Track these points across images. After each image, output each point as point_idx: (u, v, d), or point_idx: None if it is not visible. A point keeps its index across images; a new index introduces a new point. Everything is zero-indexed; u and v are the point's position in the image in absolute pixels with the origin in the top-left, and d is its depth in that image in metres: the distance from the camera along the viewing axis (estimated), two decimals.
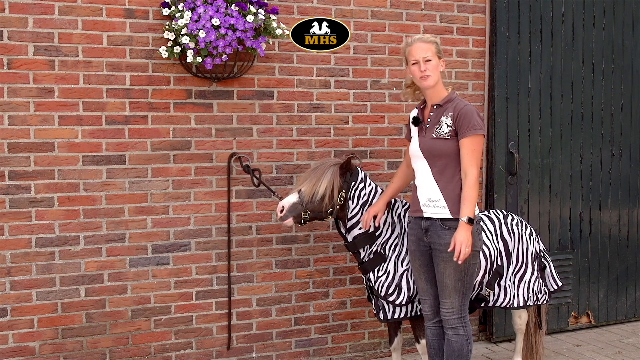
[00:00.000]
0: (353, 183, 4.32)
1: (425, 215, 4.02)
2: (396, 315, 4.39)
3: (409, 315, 4.41)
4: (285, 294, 5.00)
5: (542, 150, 5.65)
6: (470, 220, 3.83)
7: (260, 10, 4.42)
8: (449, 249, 3.84)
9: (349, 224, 4.35)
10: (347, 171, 4.30)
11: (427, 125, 4.01)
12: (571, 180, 5.79)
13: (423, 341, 4.49)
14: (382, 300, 4.37)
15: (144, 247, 4.62)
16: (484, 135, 3.97)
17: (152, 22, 4.52)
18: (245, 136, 4.80)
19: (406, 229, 4.36)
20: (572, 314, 5.92)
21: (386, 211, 4.37)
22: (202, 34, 4.24)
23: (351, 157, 4.33)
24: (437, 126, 3.96)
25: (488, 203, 5.52)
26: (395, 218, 4.42)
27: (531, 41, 5.53)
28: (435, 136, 3.95)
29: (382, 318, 4.41)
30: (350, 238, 4.39)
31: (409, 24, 5.17)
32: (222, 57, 4.38)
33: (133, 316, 4.64)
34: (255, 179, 4.66)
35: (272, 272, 4.95)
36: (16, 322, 4.38)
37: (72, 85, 4.39)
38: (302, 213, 4.23)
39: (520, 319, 4.83)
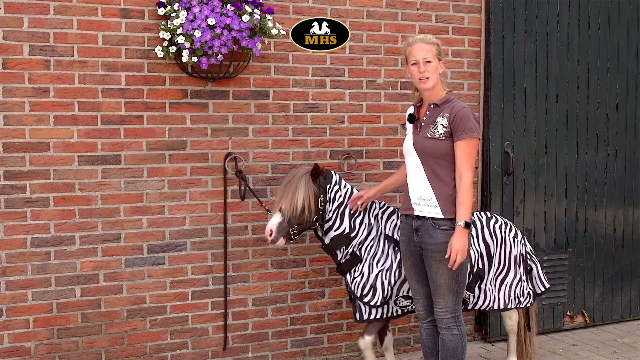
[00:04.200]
0: (328, 186, 4.33)
1: (416, 213, 4.02)
2: (372, 316, 4.39)
3: (384, 316, 4.42)
4: (281, 293, 5.00)
5: (538, 150, 5.66)
6: (467, 225, 3.83)
7: (255, 10, 4.43)
8: (446, 256, 3.85)
9: (326, 226, 4.36)
10: (318, 176, 4.31)
11: (422, 124, 4.02)
12: (566, 180, 5.80)
13: (368, 338, 4.45)
14: (358, 301, 4.38)
15: (140, 247, 4.62)
16: (479, 138, 3.98)
17: (148, 22, 4.52)
18: (241, 136, 4.80)
19: (382, 229, 4.39)
20: (568, 313, 5.92)
21: (362, 212, 4.39)
22: (197, 33, 4.24)
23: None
24: (433, 126, 3.96)
25: (484, 203, 5.53)
26: (372, 219, 4.43)
27: (527, 41, 5.54)
28: (429, 136, 3.95)
29: (358, 319, 4.42)
30: (327, 240, 4.39)
31: (405, 24, 5.18)
32: (218, 57, 4.38)
33: (129, 316, 4.63)
34: (240, 191, 4.69)
35: (267, 272, 4.95)
36: (11, 322, 4.38)
37: (68, 85, 4.38)
38: (290, 230, 4.24)
39: (511, 320, 4.82)
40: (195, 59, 4.35)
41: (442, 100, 3.99)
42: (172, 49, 4.41)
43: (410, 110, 4.16)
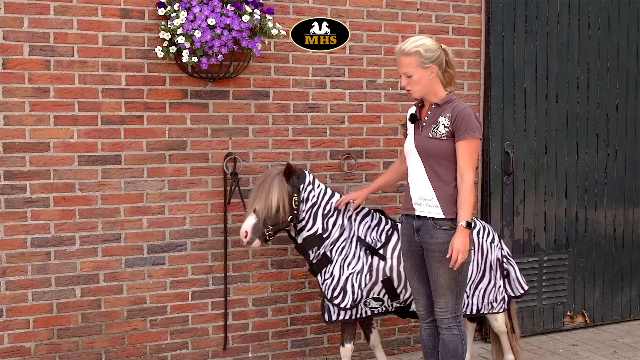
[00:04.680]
0: (302, 186, 4.32)
1: (417, 213, 4.00)
2: (341, 317, 4.38)
3: (354, 317, 4.41)
4: (281, 293, 5.00)
5: (538, 150, 5.66)
6: (469, 225, 3.83)
7: (256, 10, 4.43)
8: (447, 256, 3.84)
9: (299, 226, 4.35)
10: (292, 176, 4.29)
11: (424, 124, 4.00)
12: (567, 180, 5.80)
13: (348, 345, 4.49)
14: (327, 302, 4.37)
15: (140, 247, 4.62)
16: (481, 139, 3.96)
17: (148, 22, 4.52)
18: (241, 136, 4.80)
19: (355, 231, 4.39)
20: (568, 313, 5.92)
21: (335, 213, 4.39)
22: (197, 33, 4.24)
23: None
24: (434, 126, 3.94)
25: (484, 203, 5.53)
26: (346, 220, 4.42)
27: (527, 41, 5.54)
28: (431, 136, 3.94)
29: (327, 319, 4.40)
30: (300, 240, 4.38)
31: (405, 24, 5.18)
32: (218, 57, 4.38)
33: (129, 316, 4.63)
34: (230, 192, 4.71)
35: (268, 272, 4.95)
36: (12, 322, 4.38)
37: (68, 85, 4.38)
38: (265, 231, 4.23)
39: (497, 322, 4.76)
40: (195, 59, 4.35)
41: (443, 100, 3.97)
42: (172, 49, 4.41)
43: (412, 110, 4.15)
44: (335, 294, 4.30)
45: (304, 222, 4.34)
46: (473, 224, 4.52)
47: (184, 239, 4.72)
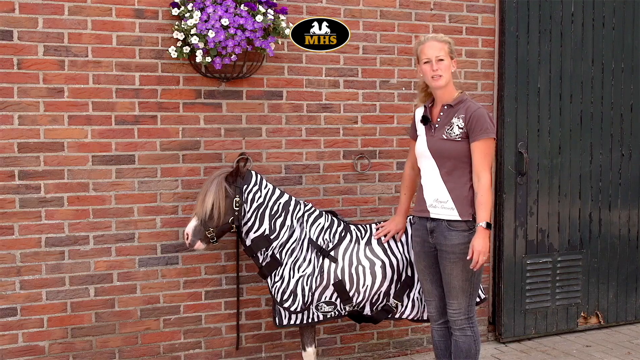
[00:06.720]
0: (245, 187, 4.25)
1: (432, 216, 3.99)
2: (292, 322, 4.32)
3: (305, 322, 4.34)
4: None
5: (552, 151, 5.64)
6: (489, 225, 3.81)
7: (269, 10, 4.43)
8: (468, 257, 3.82)
9: (245, 228, 4.28)
10: (236, 178, 4.24)
11: (437, 125, 3.98)
12: (581, 181, 5.78)
13: (309, 349, 4.42)
14: (278, 306, 4.32)
15: (153, 246, 4.63)
16: (495, 139, 3.93)
17: (162, 22, 4.53)
18: (254, 136, 4.80)
19: (307, 233, 4.33)
20: (582, 314, 5.90)
21: (283, 213, 4.30)
22: (211, 34, 4.25)
23: (242, 159, 4.54)
24: (448, 127, 3.92)
25: (497, 203, 5.51)
26: (295, 221, 4.33)
27: (540, 41, 5.51)
28: (445, 137, 3.92)
29: (277, 324, 4.34)
30: (248, 242, 4.32)
31: (418, 24, 5.17)
32: (231, 57, 4.38)
33: (142, 316, 4.64)
34: None
35: None
36: (26, 321, 4.40)
37: (82, 85, 4.40)
38: (206, 233, 4.19)
39: None
40: (209, 59, 4.36)
41: (456, 100, 3.95)
42: (186, 49, 4.42)
43: (421, 111, 4.11)
44: (285, 297, 4.24)
45: (250, 224, 4.27)
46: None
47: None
